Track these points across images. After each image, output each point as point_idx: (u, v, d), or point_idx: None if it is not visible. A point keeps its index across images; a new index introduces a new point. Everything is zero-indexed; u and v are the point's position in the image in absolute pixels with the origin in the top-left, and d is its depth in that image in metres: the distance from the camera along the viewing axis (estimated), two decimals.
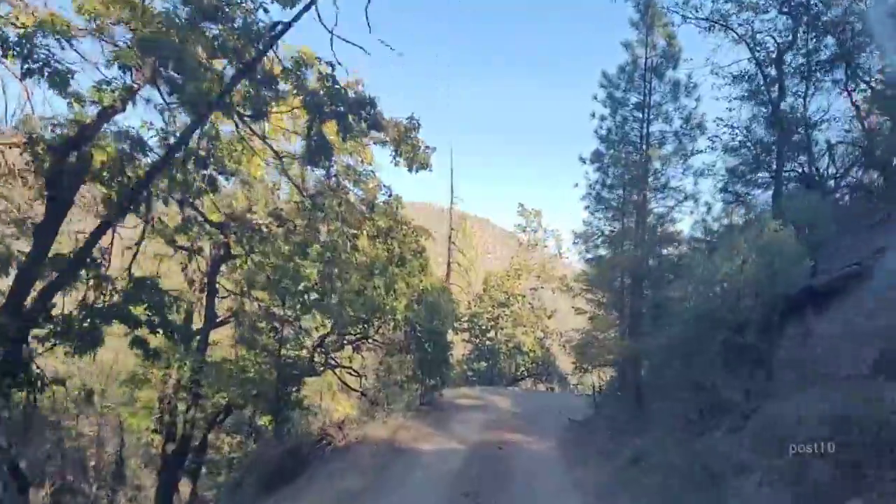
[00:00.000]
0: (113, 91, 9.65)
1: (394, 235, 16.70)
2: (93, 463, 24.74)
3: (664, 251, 18.69)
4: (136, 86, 9.70)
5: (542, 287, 39.30)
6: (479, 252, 47.08)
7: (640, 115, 20.21)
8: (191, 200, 14.04)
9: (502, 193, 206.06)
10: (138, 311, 9.31)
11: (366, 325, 19.96)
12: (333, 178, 15.47)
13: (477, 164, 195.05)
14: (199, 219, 14.19)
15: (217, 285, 17.08)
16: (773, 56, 18.89)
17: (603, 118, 20.68)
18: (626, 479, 12.06)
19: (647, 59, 19.97)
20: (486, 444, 16.06)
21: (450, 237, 38.23)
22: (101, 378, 23.87)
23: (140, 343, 9.38)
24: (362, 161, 17.59)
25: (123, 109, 9.79)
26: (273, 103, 11.25)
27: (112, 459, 24.89)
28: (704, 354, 11.32)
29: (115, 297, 9.11)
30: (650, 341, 14.58)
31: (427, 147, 15.60)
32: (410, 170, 16.22)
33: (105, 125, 9.66)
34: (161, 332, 9.48)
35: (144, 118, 10.91)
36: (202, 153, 12.55)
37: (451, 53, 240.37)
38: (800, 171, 19.01)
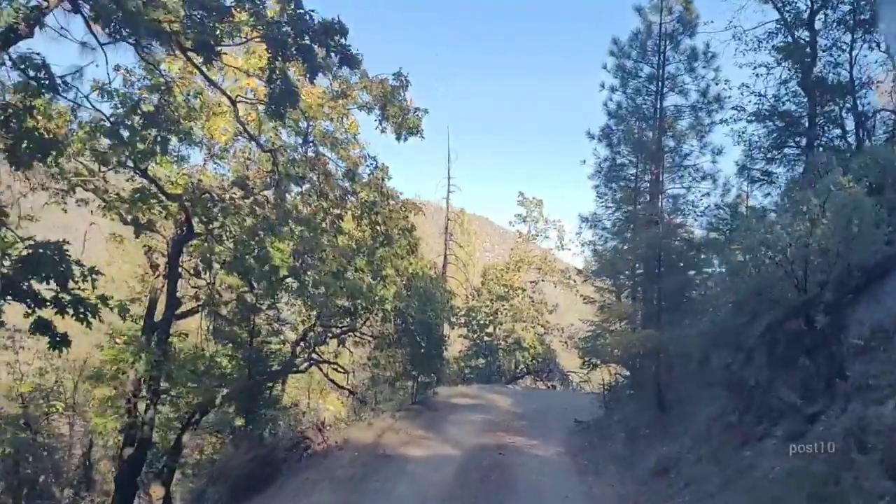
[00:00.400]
0: (16, 10, 7.71)
1: (378, 210, 14.69)
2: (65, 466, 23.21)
3: (684, 234, 16.90)
4: (44, 3, 7.76)
5: (542, 280, 37.39)
6: (477, 246, 45.19)
7: (654, 88, 18.64)
8: (141, 168, 12.06)
9: (501, 193, 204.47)
10: (39, 286, 7.38)
11: (352, 317, 18.07)
12: (311, 145, 13.49)
13: (476, 164, 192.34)
14: (153, 189, 12.20)
15: (181, 269, 15.08)
16: (805, 16, 16.97)
17: (613, 90, 19.13)
18: (652, 492, 10.23)
19: (661, 25, 18.33)
20: (485, 448, 14.23)
21: (446, 227, 36.37)
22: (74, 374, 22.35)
23: (44, 327, 7.44)
24: (346, 130, 15.62)
25: (30, 34, 7.85)
26: (225, 37, 9.30)
27: (80, 462, 23.35)
28: (747, 344, 9.44)
29: (5, 269, 7.12)
30: (674, 331, 12.71)
31: (418, 109, 13.64)
32: (399, 137, 14.27)
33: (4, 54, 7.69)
34: (71, 312, 7.53)
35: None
36: (150, 107, 10.59)
37: (450, 53, 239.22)
38: (833, 144, 17.08)
